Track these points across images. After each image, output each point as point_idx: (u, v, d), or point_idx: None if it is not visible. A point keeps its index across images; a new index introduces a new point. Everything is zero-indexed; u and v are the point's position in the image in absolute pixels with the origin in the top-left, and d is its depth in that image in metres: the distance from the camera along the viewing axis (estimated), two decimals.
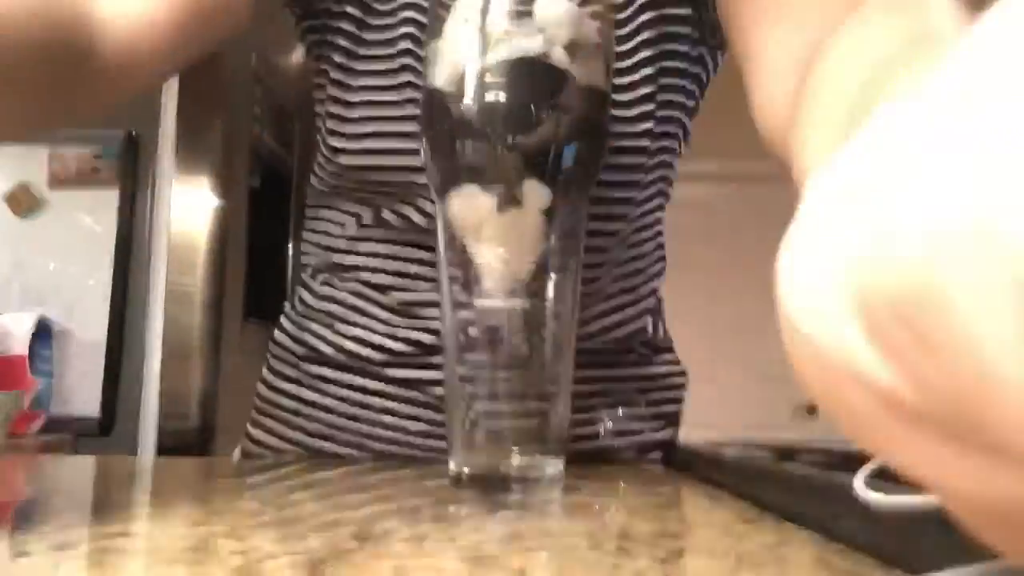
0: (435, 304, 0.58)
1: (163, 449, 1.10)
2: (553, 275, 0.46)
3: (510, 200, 0.43)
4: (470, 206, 0.44)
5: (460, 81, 0.43)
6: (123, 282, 1.12)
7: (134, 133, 1.12)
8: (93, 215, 1.11)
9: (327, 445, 0.64)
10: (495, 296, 0.45)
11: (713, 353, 3.89)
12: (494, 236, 0.44)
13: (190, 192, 1.19)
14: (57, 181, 1.12)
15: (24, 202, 1.12)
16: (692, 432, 0.71)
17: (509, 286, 0.45)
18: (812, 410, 3.97)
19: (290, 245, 1.57)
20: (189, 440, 1.18)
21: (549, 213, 0.44)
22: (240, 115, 1.34)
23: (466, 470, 0.44)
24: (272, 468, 0.58)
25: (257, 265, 1.40)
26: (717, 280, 4.00)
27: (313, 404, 0.65)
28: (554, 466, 0.45)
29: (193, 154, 1.16)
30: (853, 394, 0.13)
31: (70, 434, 1.05)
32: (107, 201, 1.11)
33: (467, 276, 0.45)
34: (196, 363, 1.22)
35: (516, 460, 0.45)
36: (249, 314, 1.34)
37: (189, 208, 1.20)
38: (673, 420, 0.71)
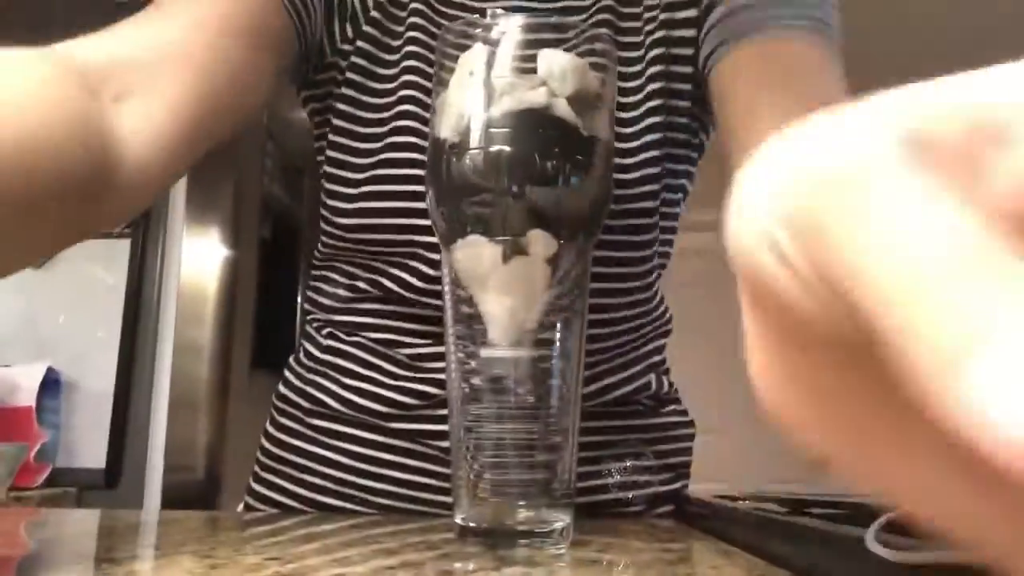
0: (441, 357, 0.57)
1: (169, 502, 1.08)
2: (559, 324, 0.46)
3: (515, 250, 0.43)
4: (475, 256, 0.44)
5: (466, 132, 0.43)
6: (132, 333, 1.13)
7: None
8: (104, 266, 1.12)
9: (332, 501, 0.63)
10: (501, 346, 0.45)
11: (725, 405, 3.86)
12: (499, 286, 0.44)
13: (200, 243, 1.20)
14: None
15: None
16: (706, 486, 0.70)
17: (515, 336, 0.45)
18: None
19: (299, 296, 1.58)
20: (195, 492, 1.17)
21: (554, 262, 0.44)
22: (251, 168, 1.36)
23: (472, 524, 0.43)
24: (276, 521, 0.57)
25: (267, 315, 1.41)
26: (727, 330, 3.96)
27: (319, 459, 0.64)
28: (562, 520, 0.44)
29: (204, 206, 1.18)
30: (773, 308, 0.14)
31: (75, 487, 1.04)
32: (119, 252, 1.12)
33: (473, 326, 0.45)
34: (203, 414, 1.22)
35: (522, 514, 0.44)
36: (257, 364, 1.34)
37: (199, 259, 1.21)
38: (682, 471, 0.71)
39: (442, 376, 0.59)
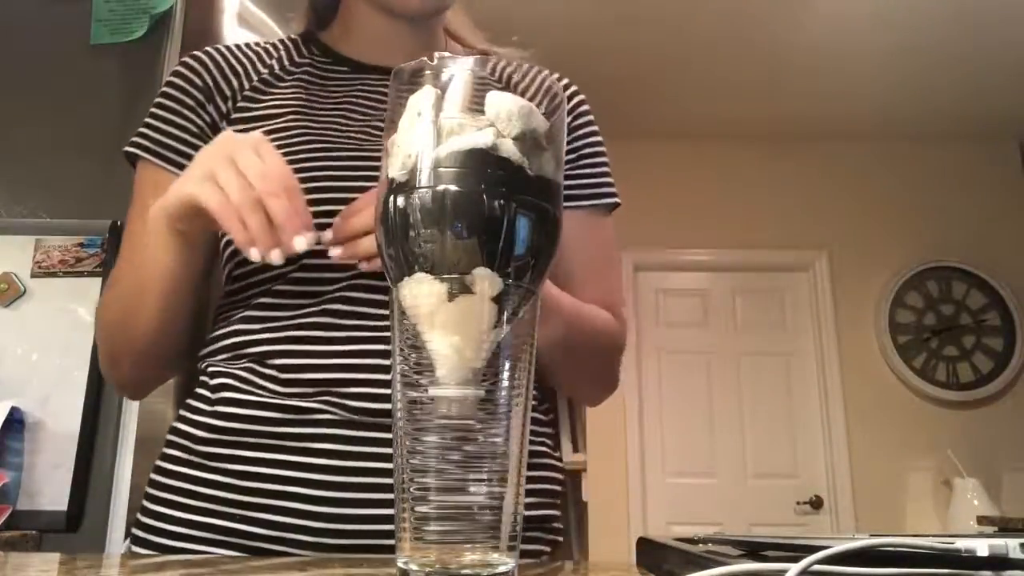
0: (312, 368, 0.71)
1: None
2: (507, 364, 0.46)
3: (461, 288, 0.43)
4: (422, 294, 0.44)
5: (413, 171, 0.44)
6: (100, 371, 1.11)
7: (119, 222, 1.14)
8: (74, 304, 1.11)
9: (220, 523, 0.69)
10: (448, 385, 0.44)
11: (718, 453, 3.85)
12: (445, 324, 0.44)
13: None
14: (40, 270, 1.12)
15: (7, 291, 1.12)
16: (699, 528, 0.72)
17: (462, 375, 0.44)
18: (816, 504, 3.90)
19: None
20: None
21: (501, 301, 0.44)
22: None
23: (414, 568, 0.42)
24: (214, 564, 0.56)
25: None
26: (723, 382, 3.99)
27: (207, 483, 0.70)
28: (507, 563, 0.43)
29: None
30: None
31: (35, 529, 1.02)
32: (89, 290, 1.11)
33: (420, 365, 0.45)
34: None
35: (467, 557, 0.43)
36: None
37: None
38: (549, 500, 0.75)
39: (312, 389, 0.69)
